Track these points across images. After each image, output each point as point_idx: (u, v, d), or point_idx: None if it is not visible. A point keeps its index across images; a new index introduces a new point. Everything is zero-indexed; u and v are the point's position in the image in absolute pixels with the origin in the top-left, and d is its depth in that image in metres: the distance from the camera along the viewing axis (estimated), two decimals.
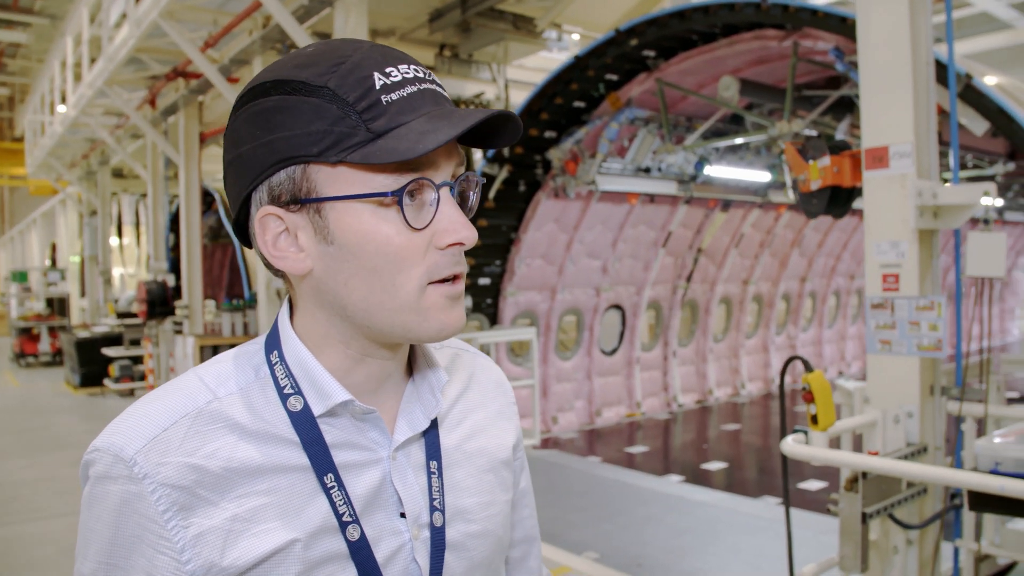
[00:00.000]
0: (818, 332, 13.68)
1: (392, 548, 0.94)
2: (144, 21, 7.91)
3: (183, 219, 10.63)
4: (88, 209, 17.33)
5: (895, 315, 3.47)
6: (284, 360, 0.95)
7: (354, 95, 0.85)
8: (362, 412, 0.94)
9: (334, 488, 0.91)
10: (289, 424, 0.92)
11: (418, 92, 0.88)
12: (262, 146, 0.88)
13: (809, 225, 12.31)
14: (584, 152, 8.55)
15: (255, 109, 0.89)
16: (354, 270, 0.89)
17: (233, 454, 0.88)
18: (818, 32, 5.76)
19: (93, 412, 11.75)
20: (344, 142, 0.85)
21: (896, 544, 3.40)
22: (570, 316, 10.38)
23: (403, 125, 0.85)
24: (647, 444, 9.44)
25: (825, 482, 7.11)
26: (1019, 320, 18.76)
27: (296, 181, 0.88)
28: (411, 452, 0.99)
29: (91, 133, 13.83)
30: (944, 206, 3.44)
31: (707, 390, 11.72)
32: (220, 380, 0.93)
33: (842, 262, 13.64)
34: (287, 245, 0.91)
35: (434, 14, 8.75)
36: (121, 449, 0.85)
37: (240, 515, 0.86)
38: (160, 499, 0.84)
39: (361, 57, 0.88)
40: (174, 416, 0.88)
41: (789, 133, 6.41)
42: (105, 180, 16.07)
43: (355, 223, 0.88)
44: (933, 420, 3.53)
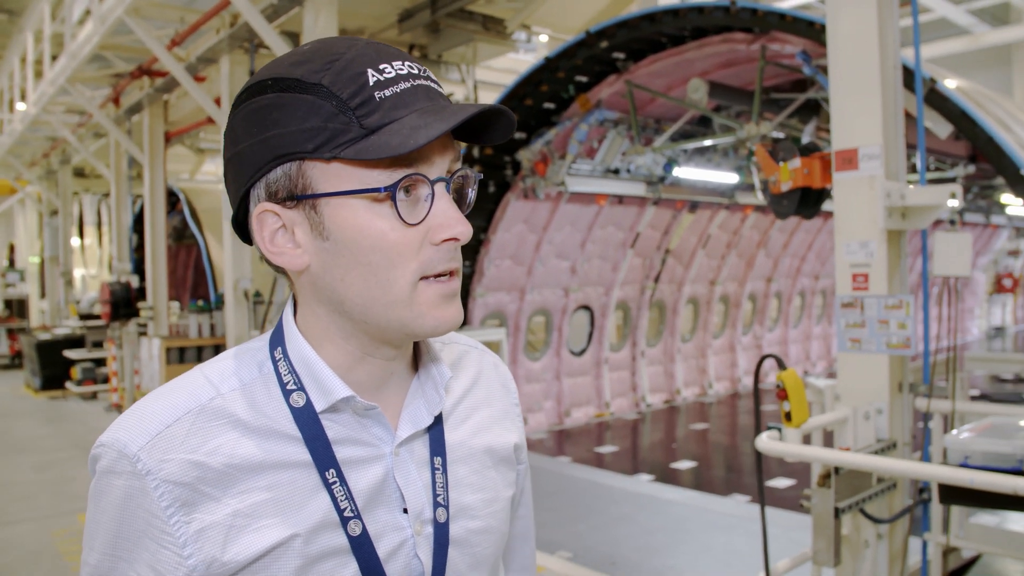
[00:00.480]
0: (784, 332, 13.86)
1: (394, 544, 0.95)
2: (109, 18, 7.79)
3: (147, 219, 10.49)
4: (48, 209, 17.02)
5: (865, 314, 3.53)
6: (287, 356, 0.96)
7: (348, 91, 0.86)
8: (364, 408, 0.95)
9: (335, 484, 0.91)
10: (291, 420, 0.92)
11: (411, 88, 0.88)
12: (259, 143, 0.89)
13: (775, 226, 12.48)
14: (554, 153, 8.58)
15: (252, 107, 0.90)
16: (349, 265, 0.90)
17: (235, 450, 0.89)
18: (786, 36, 5.84)
19: (54, 415, 11.54)
20: (338, 138, 0.86)
21: (867, 538, 3.47)
22: (539, 317, 10.41)
23: (396, 121, 0.86)
24: (616, 444, 9.50)
25: (793, 480, 7.21)
26: (978, 319, 19.17)
27: (292, 178, 0.89)
28: (415, 448, 1.00)
29: (52, 131, 13.59)
30: (912, 207, 3.52)
31: (675, 390, 11.82)
32: (223, 376, 0.94)
33: (807, 263, 13.84)
34: (284, 241, 0.92)
35: (403, 14, 8.73)
36: (125, 445, 0.87)
37: (242, 511, 0.87)
38: (163, 495, 0.85)
39: (355, 54, 0.89)
40: (177, 413, 0.89)
41: (757, 135, 6.50)
42: (66, 179, 15.79)
43: (350, 218, 0.88)
44: (902, 416, 3.61)
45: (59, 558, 5.49)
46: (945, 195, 3.43)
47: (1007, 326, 20.40)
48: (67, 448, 9.14)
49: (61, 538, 5.90)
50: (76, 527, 6.15)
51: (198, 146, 13.67)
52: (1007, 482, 2.43)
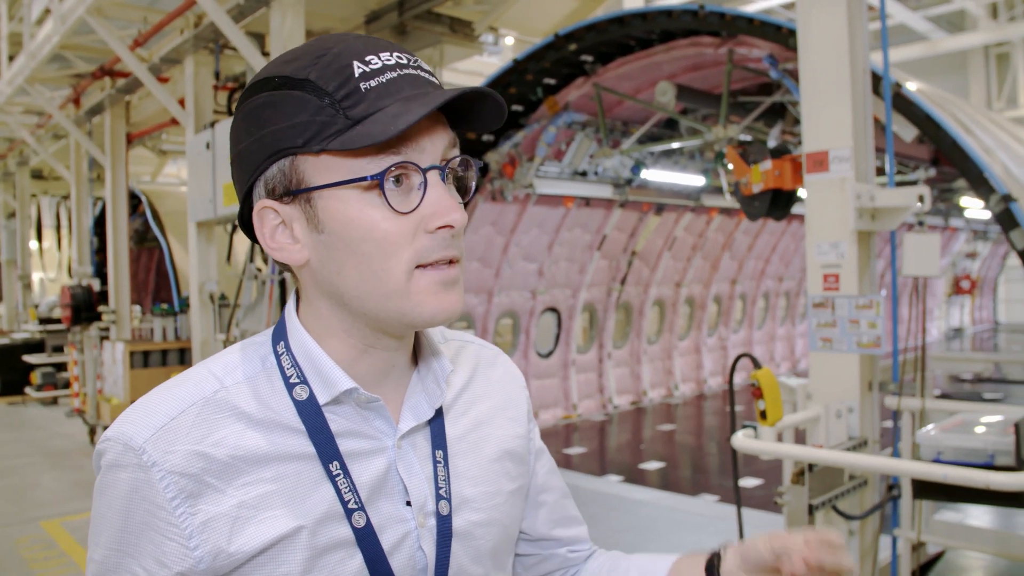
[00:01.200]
0: (748, 333, 14.02)
1: (398, 536, 0.95)
2: (70, 17, 7.66)
3: (109, 222, 10.31)
4: (5, 211, 16.66)
5: (836, 313, 3.59)
6: (290, 350, 0.96)
7: (333, 84, 0.87)
8: (367, 400, 0.95)
9: (339, 476, 0.92)
10: (295, 413, 0.93)
11: (398, 77, 0.89)
12: (255, 142, 0.90)
13: (740, 228, 12.61)
14: (522, 156, 8.59)
15: (249, 107, 0.92)
16: (345, 257, 0.90)
17: (240, 442, 0.90)
18: (753, 40, 5.91)
19: (13, 421, 11.30)
20: (325, 131, 0.86)
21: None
22: (506, 319, 10.42)
23: (380, 110, 0.86)
24: (584, 445, 9.54)
25: (761, 479, 7.28)
26: (937, 320, 19.54)
27: (286, 173, 0.90)
28: (417, 441, 1.00)
29: (9, 132, 13.32)
30: (881, 208, 3.59)
31: (641, 391, 11.89)
32: (227, 370, 0.95)
33: (771, 265, 14.01)
34: (283, 237, 0.93)
35: (370, 16, 8.69)
36: (131, 438, 0.87)
37: (247, 502, 0.88)
38: (168, 486, 0.86)
39: (342, 48, 0.90)
40: (182, 405, 0.90)
41: (724, 138, 6.57)
42: (24, 181, 15.46)
43: (342, 210, 0.89)
44: (872, 414, 3.67)
45: (24, 565, 5.38)
46: (914, 197, 3.50)
47: (965, 327, 20.83)
48: (28, 454, 8.95)
49: (24, 545, 5.78)
50: (40, 534, 6.03)
51: (160, 148, 13.46)
52: (979, 476, 2.48)
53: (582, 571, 1.23)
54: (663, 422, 10.74)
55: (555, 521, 1.21)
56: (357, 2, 8.48)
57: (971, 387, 11.70)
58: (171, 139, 12.67)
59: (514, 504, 1.11)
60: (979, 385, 11.67)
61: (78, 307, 10.72)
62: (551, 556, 1.22)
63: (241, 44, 6.26)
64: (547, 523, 1.20)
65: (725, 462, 8.29)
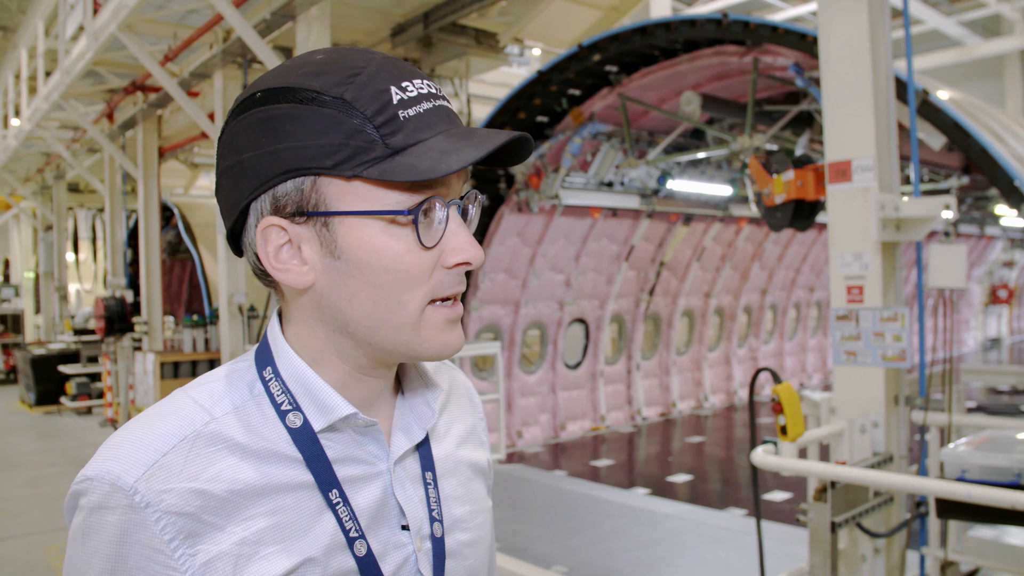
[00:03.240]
0: (779, 344, 13.85)
1: (398, 561, 0.94)
2: (102, 34, 7.79)
3: (142, 234, 10.47)
4: (43, 224, 17.00)
5: (860, 326, 3.52)
6: (279, 376, 0.93)
7: (371, 108, 0.84)
8: (364, 425, 0.93)
9: (339, 504, 0.90)
10: (290, 441, 0.90)
11: (433, 109, 0.87)
12: (268, 155, 0.85)
13: (769, 238, 12.48)
14: (547, 167, 8.58)
15: (261, 115, 0.86)
16: (360, 286, 0.88)
17: (236, 476, 0.86)
18: (778, 48, 5.85)
19: (49, 431, 11.47)
20: (360, 156, 0.83)
21: (864, 553, 3.45)
22: (534, 330, 10.38)
23: (421, 143, 0.85)
24: (612, 457, 9.46)
25: (790, 493, 7.17)
26: (974, 331, 19.18)
27: (305, 193, 0.86)
28: (407, 464, 0.99)
29: (46, 147, 13.59)
30: (906, 219, 3.51)
31: (671, 403, 11.78)
32: (214, 400, 0.90)
33: (802, 275, 13.84)
34: (290, 257, 0.89)
35: (396, 29, 8.75)
36: (118, 477, 0.81)
37: (248, 538, 0.84)
38: (165, 528, 0.81)
39: (375, 69, 0.87)
40: (172, 440, 0.85)
41: (750, 148, 6.50)
42: (61, 195, 15.78)
43: (366, 239, 0.86)
44: (898, 429, 3.59)
45: (52, 573, 5.44)
46: (939, 207, 3.42)
47: (1003, 337, 20.40)
48: (60, 463, 9.07)
49: (53, 554, 5.85)
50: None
51: (192, 161, 13.67)
52: (1005, 496, 2.41)
53: None
54: (692, 434, 10.63)
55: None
56: (383, 15, 8.54)
57: (1009, 399, 11.45)
58: (203, 152, 12.86)
59: (490, 521, 1.12)
60: (1017, 397, 11.40)
61: (111, 318, 10.89)
62: None
63: (268, 58, 6.32)
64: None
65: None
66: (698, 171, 9.42)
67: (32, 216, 18.25)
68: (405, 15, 8.49)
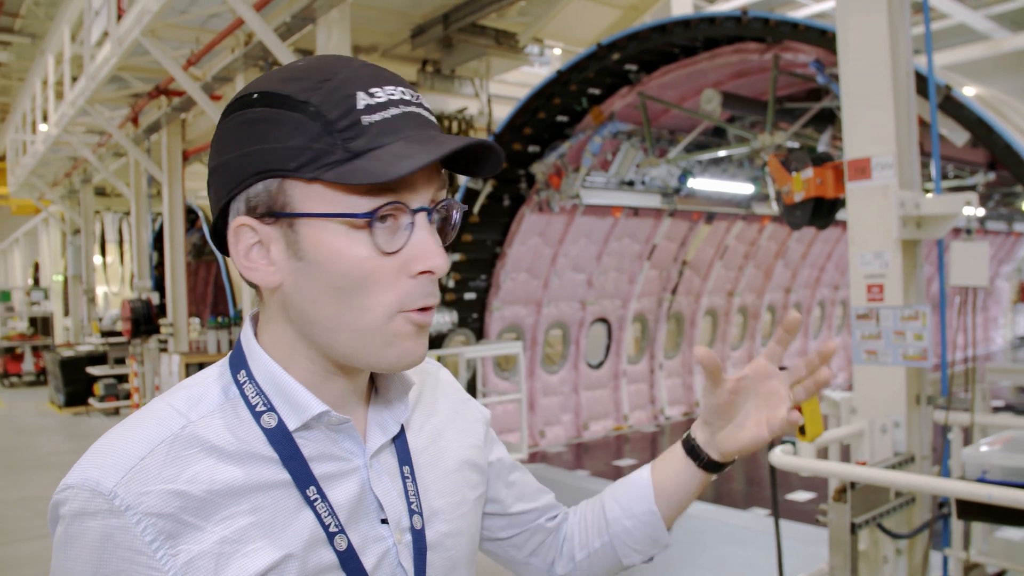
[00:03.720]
0: (804, 343, 13.72)
1: (378, 554, 0.95)
2: (126, 40, 7.88)
3: (167, 237, 10.57)
4: (71, 228, 17.22)
5: (880, 325, 3.48)
6: (253, 378, 0.94)
7: (336, 113, 0.85)
8: (338, 422, 0.94)
9: (317, 500, 0.91)
10: (265, 441, 0.91)
11: (401, 115, 0.87)
12: (243, 156, 0.88)
13: (793, 236, 12.37)
14: (568, 166, 8.57)
15: (241, 119, 0.89)
16: (322, 288, 0.88)
17: (214, 476, 0.87)
18: (798, 45, 5.80)
19: (78, 431, 11.62)
20: (321, 159, 0.85)
21: (886, 554, 3.41)
22: (556, 330, 10.37)
23: (382, 147, 0.85)
24: (635, 457, 9.43)
25: (813, 493, 7.11)
26: (1003, 329, 18.89)
27: (272, 194, 0.88)
28: (384, 459, 1.00)
29: (73, 152, 13.76)
30: (927, 216, 3.47)
31: (694, 402, 11.72)
32: (190, 404, 0.92)
33: (826, 273, 13.71)
34: (259, 257, 0.91)
35: (416, 30, 8.78)
36: (98, 483, 0.83)
37: (228, 537, 0.85)
38: (146, 529, 0.82)
39: (348, 75, 0.88)
40: (150, 444, 0.86)
41: (771, 145, 6.45)
42: (88, 198, 15.98)
43: (327, 241, 0.87)
44: (920, 429, 3.55)
45: None
46: (960, 204, 3.38)
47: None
48: None
49: None
50: None
51: None
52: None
53: (565, 531, 1.28)
54: None
55: (527, 495, 1.25)
56: (402, 17, 8.57)
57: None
58: None
59: (477, 512, 1.13)
60: None
61: (138, 320, 11.02)
62: (535, 529, 1.25)
63: (289, 61, 6.34)
64: (522, 499, 1.25)
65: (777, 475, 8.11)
66: (720, 169, 9.36)
67: (60, 220, 18.50)
68: (425, 16, 8.52)
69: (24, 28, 17.46)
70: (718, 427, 1.13)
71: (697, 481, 1.17)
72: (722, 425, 1.13)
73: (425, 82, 9.97)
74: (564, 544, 1.26)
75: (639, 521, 1.20)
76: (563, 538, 1.27)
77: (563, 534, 1.27)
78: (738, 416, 1.12)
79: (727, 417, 1.12)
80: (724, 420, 1.12)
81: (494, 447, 1.23)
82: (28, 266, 23.82)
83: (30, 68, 14.21)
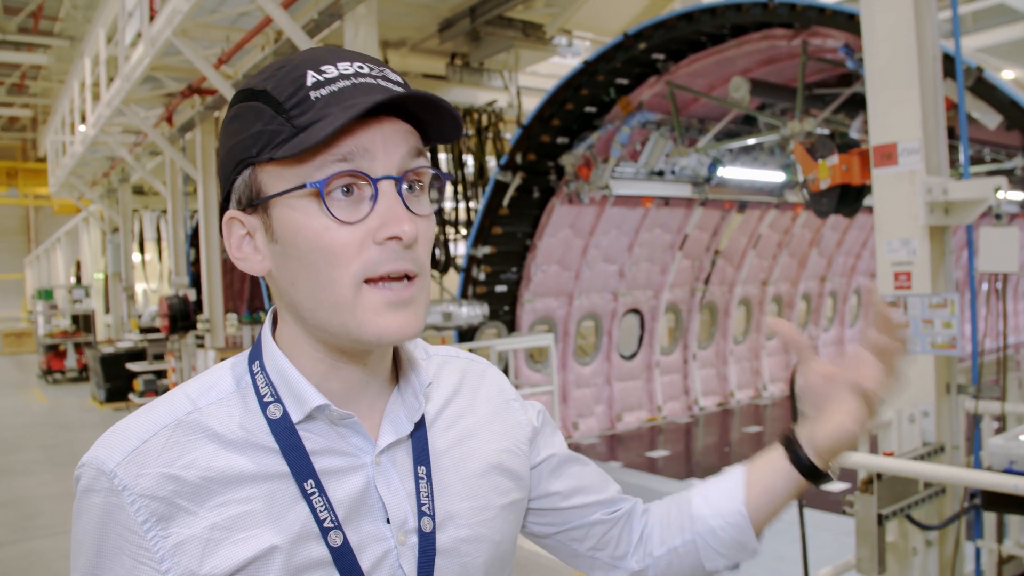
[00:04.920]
0: (840, 332, 13.55)
1: (377, 555, 0.94)
2: (158, 40, 7.99)
3: (202, 234, 10.71)
4: (110, 226, 17.52)
5: (908, 313, 3.43)
6: (264, 370, 0.96)
7: (285, 94, 0.87)
8: (339, 417, 0.94)
9: (314, 494, 0.91)
10: (269, 432, 0.92)
11: (351, 86, 0.87)
12: (226, 154, 0.93)
13: (827, 224, 12.19)
14: (596, 157, 8.53)
15: (225, 121, 0.94)
16: (297, 267, 0.90)
17: (211, 463, 0.89)
18: (827, 30, 5.72)
19: None
20: (273, 140, 0.87)
21: (915, 545, 3.36)
22: (588, 321, 10.35)
23: (324, 118, 0.85)
24: (668, 448, 9.39)
25: (848, 483, 7.01)
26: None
27: (248, 184, 0.91)
28: (397, 457, 0.98)
29: (110, 151, 13.99)
30: (955, 202, 3.40)
31: (728, 392, 11.63)
32: (201, 392, 0.95)
33: (862, 260, 13.50)
34: (248, 247, 0.94)
35: (444, 24, 8.79)
36: (103, 462, 0.87)
37: (219, 524, 0.87)
38: (139, 510, 0.85)
39: (303, 59, 0.90)
40: (154, 428, 0.90)
41: (801, 132, 6.36)
42: (126, 197, 16.24)
43: (292, 218, 0.88)
44: (950, 419, 3.49)
45: None
46: (990, 188, 3.30)
47: None
48: None
49: None
50: None
51: None
52: None
53: (644, 524, 1.20)
54: (751, 424, 10.49)
55: (587, 488, 1.19)
56: (430, 11, 8.58)
57: None
58: None
59: (506, 519, 1.07)
60: None
61: (175, 316, 11.17)
62: (595, 521, 1.18)
63: None
64: (580, 492, 1.18)
65: None
66: (750, 158, 9.26)
67: (100, 219, 18.83)
68: (452, 10, 8.52)
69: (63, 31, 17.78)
70: (813, 418, 1.07)
71: (791, 482, 1.10)
72: (816, 416, 1.07)
73: (454, 76, 9.98)
74: (642, 537, 1.19)
75: (726, 522, 1.13)
76: (641, 531, 1.19)
77: (639, 527, 1.20)
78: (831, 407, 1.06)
79: (820, 407, 1.07)
80: (817, 410, 1.07)
81: (550, 442, 1.18)
82: (70, 265, 24.27)
83: (69, 70, 14.46)
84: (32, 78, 21.59)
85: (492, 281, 9.18)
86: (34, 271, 31.34)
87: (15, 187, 31.18)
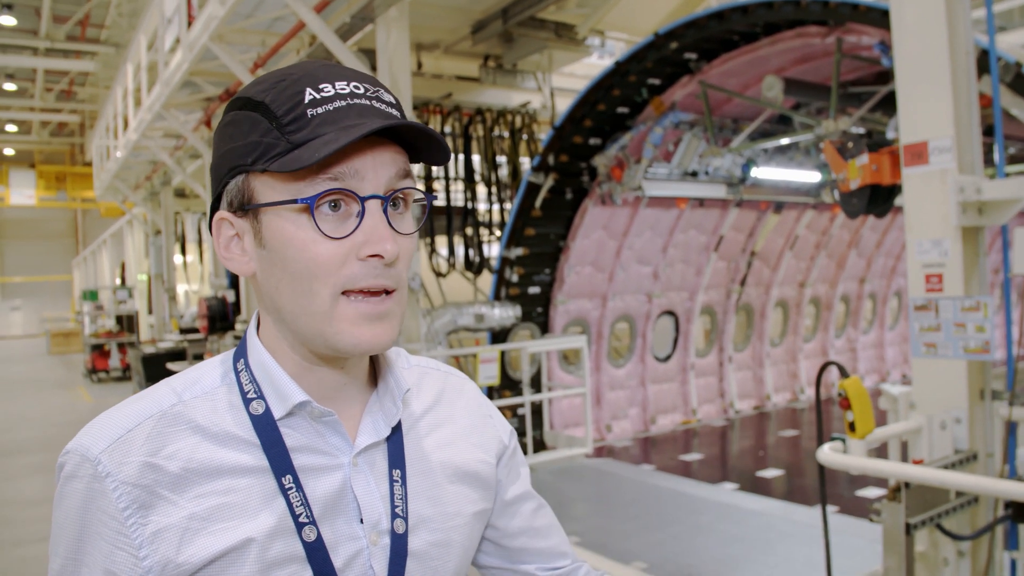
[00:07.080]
0: (880, 334, 13.29)
1: (350, 553, 0.97)
2: (196, 45, 8.12)
3: None
4: (153, 229, 17.86)
5: (940, 317, 3.34)
6: (248, 366, 1.00)
7: (284, 108, 0.91)
8: (320, 414, 0.97)
9: (292, 489, 0.94)
10: (251, 427, 0.96)
11: (346, 106, 0.92)
12: (220, 157, 0.97)
13: (866, 225, 11.97)
14: (629, 158, 8.46)
15: (221, 124, 0.99)
16: (282, 274, 0.94)
17: (193, 455, 0.92)
18: (861, 27, 5.61)
19: None
20: (269, 152, 0.91)
21: (946, 556, 3.27)
22: (622, 323, 10.28)
23: (318, 137, 0.89)
24: (703, 451, 9.29)
25: (883, 489, 6.88)
26: None
27: (241, 189, 0.95)
28: (375, 460, 1.02)
29: (152, 155, 14.25)
30: (989, 202, 3.31)
31: (765, 395, 11.47)
32: (187, 385, 0.98)
33: (902, 262, 13.22)
34: (235, 248, 0.99)
35: (476, 26, 8.80)
36: (87, 449, 0.91)
37: (198, 514, 0.90)
38: (121, 496, 0.89)
39: (302, 74, 0.94)
40: (139, 418, 0.94)
41: (836, 131, 6.25)
42: (168, 200, 16.54)
43: (281, 228, 0.92)
44: (983, 426, 3.39)
45: None
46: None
47: None
48: None
49: None
50: None
51: None
52: None
53: None
54: (787, 427, 10.33)
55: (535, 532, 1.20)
56: (462, 13, 8.60)
57: None
58: None
59: (474, 527, 1.12)
60: None
61: (213, 317, 11.34)
62: (529, 572, 1.20)
63: (349, 61, 6.44)
64: (524, 534, 1.19)
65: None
66: (786, 157, 9.11)
67: (144, 221, 19.19)
68: (484, 12, 8.53)
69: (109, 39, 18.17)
70: None
71: None
72: None
73: (487, 77, 9.99)
74: None
75: None
76: None
77: None
78: None
79: None
80: None
81: (516, 472, 1.20)
82: (116, 266, 24.78)
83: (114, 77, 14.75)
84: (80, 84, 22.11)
85: (525, 283, 9.16)
86: (81, 272, 32.07)
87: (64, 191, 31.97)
